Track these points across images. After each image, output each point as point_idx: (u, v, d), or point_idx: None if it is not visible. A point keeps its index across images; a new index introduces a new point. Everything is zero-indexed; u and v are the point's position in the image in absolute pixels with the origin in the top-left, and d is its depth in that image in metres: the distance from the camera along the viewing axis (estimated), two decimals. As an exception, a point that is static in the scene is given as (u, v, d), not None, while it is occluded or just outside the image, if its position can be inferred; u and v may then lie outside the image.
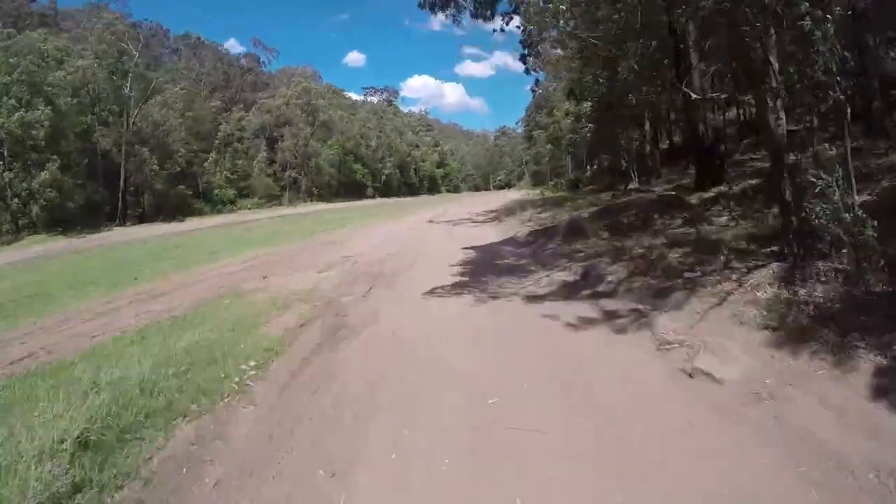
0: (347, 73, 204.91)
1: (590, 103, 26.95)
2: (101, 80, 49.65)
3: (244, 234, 28.36)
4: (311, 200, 75.84)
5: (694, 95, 14.78)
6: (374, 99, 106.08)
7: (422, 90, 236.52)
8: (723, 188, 15.00)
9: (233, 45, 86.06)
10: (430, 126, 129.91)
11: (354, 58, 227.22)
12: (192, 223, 49.10)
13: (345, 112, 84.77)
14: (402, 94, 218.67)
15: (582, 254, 11.18)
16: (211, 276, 13.76)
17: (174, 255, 21.29)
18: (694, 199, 14.75)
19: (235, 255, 18.12)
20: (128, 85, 52.69)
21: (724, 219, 13.14)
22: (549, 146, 61.49)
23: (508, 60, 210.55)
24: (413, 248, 15.52)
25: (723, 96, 16.07)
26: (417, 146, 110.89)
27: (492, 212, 27.93)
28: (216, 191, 70.71)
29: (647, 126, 23.31)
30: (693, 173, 22.43)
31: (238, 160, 74.71)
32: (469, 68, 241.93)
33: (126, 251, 25.88)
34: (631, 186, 22.70)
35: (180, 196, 61.17)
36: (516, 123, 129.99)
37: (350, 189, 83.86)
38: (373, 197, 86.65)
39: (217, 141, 75.29)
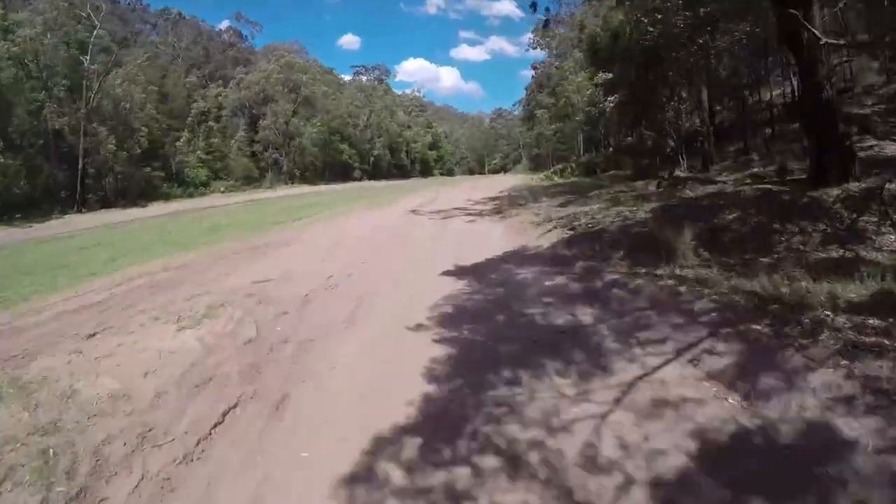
0: (342, 56, 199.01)
1: (618, 65, 21.45)
2: (53, 52, 43.82)
3: (184, 227, 22.71)
4: (294, 182, 69.90)
5: (824, 39, 9.29)
6: (365, 78, 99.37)
7: (417, 73, 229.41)
8: (866, 184, 9.53)
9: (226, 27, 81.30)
10: (424, 107, 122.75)
11: (349, 40, 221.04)
12: (153, 209, 43.25)
13: (330, 89, 78.21)
14: (398, 77, 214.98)
15: (698, 305, 5.65)
16: (43, 319, 8.23)
17: (70, 262, 15.55)
18: (828, 198, 9.22)
19: (132, 266, 12.55)
20: (87, 58, 46.50)
21: (894, 237, 7.82)
22: (553, 126, 55.74)
23: (504, 45, 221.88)
24: (374, 263, 9.99)
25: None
26: (409, 127, 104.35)
27: (492, 200, 22.43)
28: (187, 172, 64.66)
29: (703, 94, 17.43)
30: (756, 159, 17.03)
31: (213, 139, 68.40)
32: (464, 52, 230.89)
33: (31, 252, 20.21)
34: (679, 173, 17.16)
35: (146, 178, 55.33)
36: (513, 106, 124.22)
37: (336, 171, 77.79)
38: (360, 179, 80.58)
39: (190, 118, 68.93)
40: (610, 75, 25.31)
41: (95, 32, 48.23)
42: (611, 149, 32.80)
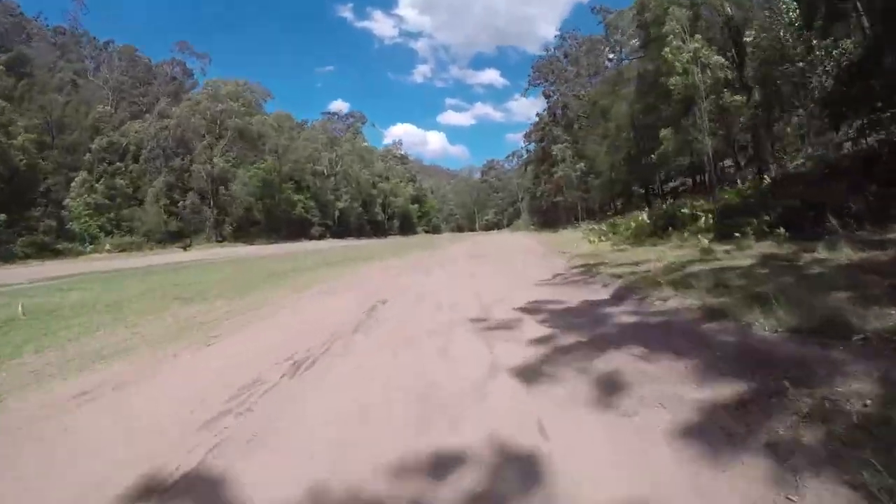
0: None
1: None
2: None
3: None
4: (225, 241, 52.19)
5: None
6: (338, 127, 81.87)
7: (405, 137, 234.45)
8: None
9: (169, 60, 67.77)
10: (404, 159, 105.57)
11: (338, 106, 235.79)
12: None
13: (274, 126, 61.21)
14: (385, 141, 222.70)
15: None
16: None
17: None
18: None
19: None
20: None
21: None
22: (580, 164, 39.27)
23: (489, 110, 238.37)
24: None
25: None
26: (387, 178, 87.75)
27: (549, 315, 5.11)
28: (73, 223, 46.90)
29: None
30: None
31: (118, 180, 50.92)
32: (451, 118, 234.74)
33: None
34: None
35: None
36: (506, 158, 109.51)
37: (291, 226, 60.18)
38: (322, 237, 63.01)
39: (89, 155, 51.65)
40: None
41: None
42: (767, 178, 15.76)
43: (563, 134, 45.67)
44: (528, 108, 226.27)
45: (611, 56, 37.73)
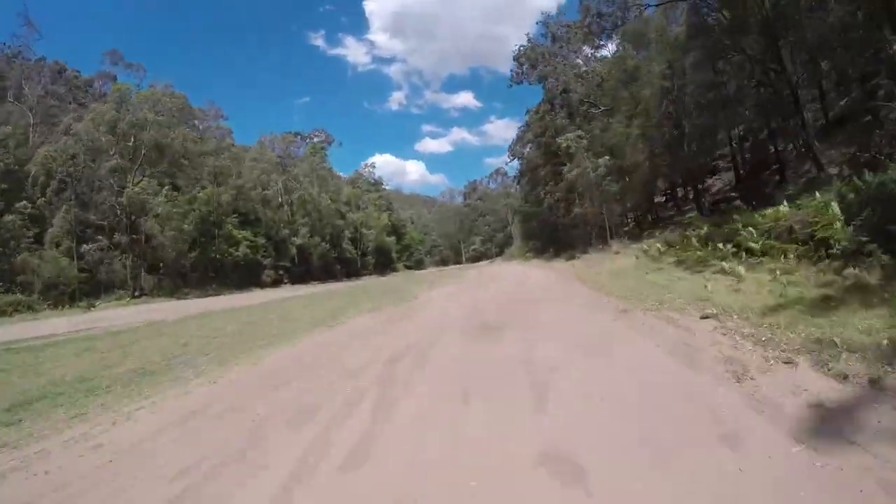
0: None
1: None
2: None
3: None
4: (144, 295, 40.71)
5: None
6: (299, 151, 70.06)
7: (384, 167, 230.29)
8: None
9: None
10: (377, 185, 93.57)
11: (318, 138, 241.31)
12: None
13: (213, 143, 50.32)
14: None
15: None
16: None
17: None
18: None
19: None
20: None
21: None
22: (602, 160, 28.71)
23: (465, 135, 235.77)
24: None
25: None
26: (357, 206, 76.58)
27: None
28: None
29: None
30: None
31: (12, 217, 39.33)
32: (428, 145, 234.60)
33: None
34: None
35: None
36: (489, 176, 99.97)
37: (238, 271, 48.98)
38: (276, 283, 51.56)
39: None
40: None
41: None
42: None
43: (570, 124, 35.75)
44: (505, 130, 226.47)
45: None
